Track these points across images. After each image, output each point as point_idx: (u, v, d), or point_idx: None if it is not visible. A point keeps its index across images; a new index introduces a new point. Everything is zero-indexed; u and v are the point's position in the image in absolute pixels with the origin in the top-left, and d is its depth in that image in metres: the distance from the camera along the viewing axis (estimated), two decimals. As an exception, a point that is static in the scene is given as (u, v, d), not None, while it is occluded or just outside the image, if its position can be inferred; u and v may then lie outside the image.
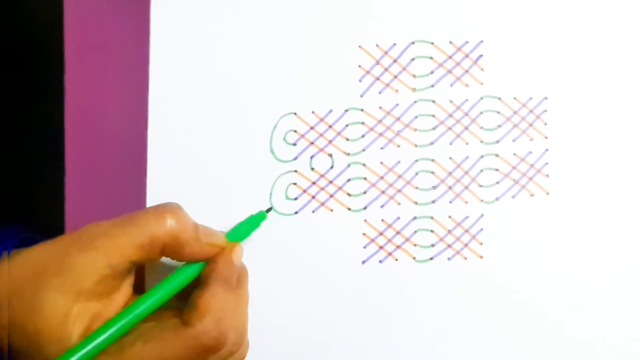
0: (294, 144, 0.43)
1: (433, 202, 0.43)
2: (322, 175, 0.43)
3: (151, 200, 0.42)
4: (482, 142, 0.43)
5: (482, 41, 0.43)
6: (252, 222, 0.41)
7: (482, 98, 0.43)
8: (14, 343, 0.34)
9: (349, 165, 0.43)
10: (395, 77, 0.43)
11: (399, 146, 0.43)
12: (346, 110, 0.43)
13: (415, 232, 0.43)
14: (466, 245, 0.43)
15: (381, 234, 0.43)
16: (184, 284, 0.37)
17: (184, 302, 0.37)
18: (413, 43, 0.43)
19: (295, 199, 0.43)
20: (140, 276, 0.41)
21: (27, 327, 0.34)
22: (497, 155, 0.43)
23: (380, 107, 0.43)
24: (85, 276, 0.34)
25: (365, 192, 0.43)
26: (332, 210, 0.43)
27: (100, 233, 0.35)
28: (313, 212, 0.43)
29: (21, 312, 0.34)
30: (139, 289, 0.40)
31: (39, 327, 0.33)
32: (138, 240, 0.34)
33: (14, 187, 0.46)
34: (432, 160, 0.43)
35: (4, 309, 0.34)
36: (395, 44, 0.43)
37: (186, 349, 0.34)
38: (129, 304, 0.36)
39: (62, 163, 0.45)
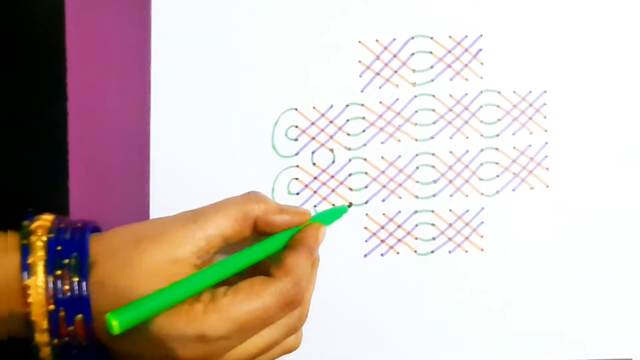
0: (296, 140, 0.43)
1: (434, 195, 0.44)
2: (323, 170, 0.43)
3: (154, 196, 0.43)
4: (482, 135, 0.44)
5: (481, 35, 0.44)
6: (335, 213, 0.42)
7: (481, 92, 0.44)
8: (101, 306, 0.35)
9: (350, 160, 0.43)
10: (395, 72, 0.44)
11: (399, 140, 0.44)
12: (347, 106, 0.43)
13: (416, 225, 0.43)
14: (467, 238, 0.43)
15: (382, 227, 0.43)
16: (273, 249, 0.38)
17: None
18: (413, 38, 0.44)
19: (297, 194, 0.43)
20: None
21: (118, 285, 0.35)
22: (497, 149, 0.44)
23: (380, 102, 0.44)
24: (182, 245, 0.36)
25: (366, 187, 0.43)
26: (333, 204, 0.43)
27: (197, 212, 0.37)
28: (315, 206, 0.43)
29: (114, 271, 0.35)
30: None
31: (131, 281, 0.35)
32: (233, 214, 0.37)
33: (18, 186, 0.46)
34: (433, 154, 0.44)
35: (98, 267, 0.35)
36: (395, 39, 0.44)
37: (272, 299, 0.36)
38: None
39: (66, 161, 0.45)
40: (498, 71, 0.44)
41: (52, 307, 0.35)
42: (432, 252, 0.43)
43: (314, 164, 0.43)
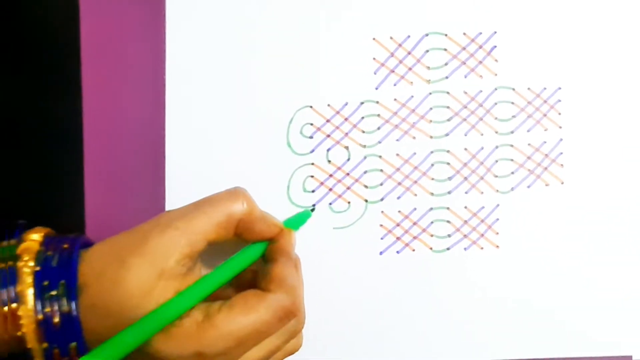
0: (311, 137, 0.43)
1: (449, 192, 0.44)
2: (338, 168, 0.43)
3: (170, 195, 0.43)
4: (496, 132, 0.44)
5: (495, 32, 0.44)
6: (301, 218, 0.42)
7: (496, 89, 0.44)
8: (94, 327, 0.35)
9: (365, 158, 0.43)
10: (410, 69, 0.44)
11: (414, 138, 0.44)
12: (362, 103, 0.43)
13: (432, 222, 0.43)
14: (482, 235, 0.43)
15: (398, 225, 0.43)
16: (253, 259, 0.38)
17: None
18: (427, 35, 0.44)
19: (313, 191, 0.43)
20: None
21: (110, 306, 0.35)
22: (511, 146, 0.44)
23: (395, 99, 0.44)
24: (167, 255, 0.35)
25: (381, 184, 0.43)
26: (349, 202, 0.43)
27: (179, 215, 0.36)
28: (330, 204, 0.43)
29: (103, 292, 0.35)
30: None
31: (123, 302, 0.34)
32: (216, 218, 0.36)
33: (34, 187, 0.47)
34: (448, 151, 0.44)
35: (88, 289, 0.35)
36: (409, 36, 0.44)
37: (268, 313, 0.35)
38: None
39: (81, 161, 0.45)
40: (512, 68, 0.44)
41: (45, 345, 0.35)
42: (448, 249, 0.43)
43: (329, 161, 0.43)
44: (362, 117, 0.43)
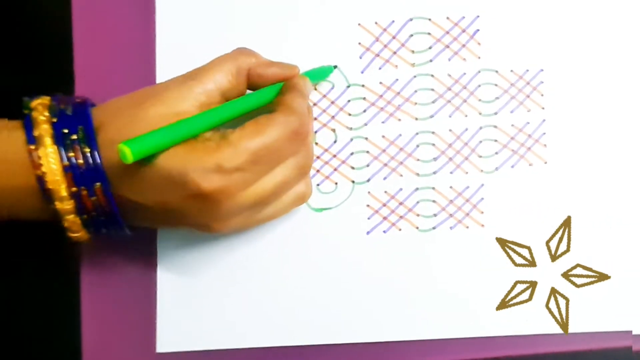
0: (298, 120, 0.44)
1: (434, 173, 0.44)
2: (326, 150, 0.44)
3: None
4: (480, 114, 0.45)
5: (478, 16, 0.45)
6: (322, 72, 0.44)
7: (479, 71, 0.45)
8: (115, 163, 0.36)
9: (351, 140, 0.44)
10: (395, 53, 0.45)
11: (399, 120, 0.44)
12: (348, 87, 0.44)
13: (418, 202, 0.44)
14: (467, 214, 0.44)
15: (384, 205, 0.44)
16: (268, 96, 0.40)
17: None
18: (411, 19, 0.45)
19: (301, 173, 0.44)
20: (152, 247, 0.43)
21: (128, 137, 0.35)
22: (495, 127, 0.45)
23: (380, 83, 0.45)
24: (183, 99, 0.38)
25: (368, 165, 0.44)
26: (336, 183, 0.44)
27: (194, 70, 0.39)
28: (318, 185, 0.44)
29: (122, 126, 0.37)
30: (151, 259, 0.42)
31: (137, 134, 0.36)
32: (228, 68, 0.39)
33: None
34: (433, 132, 0.44)
35: (106, 127, 0.37)
36: (393, 21, 0.45)
37: (278, 130, 0.37)
38: None
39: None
40: (495, 51, 0.45)
41: (74, 189, 0.36)
42: (434, 228, 0.44)
43: (316, 143, 0.44)
44: (349, 101, 0.44)
